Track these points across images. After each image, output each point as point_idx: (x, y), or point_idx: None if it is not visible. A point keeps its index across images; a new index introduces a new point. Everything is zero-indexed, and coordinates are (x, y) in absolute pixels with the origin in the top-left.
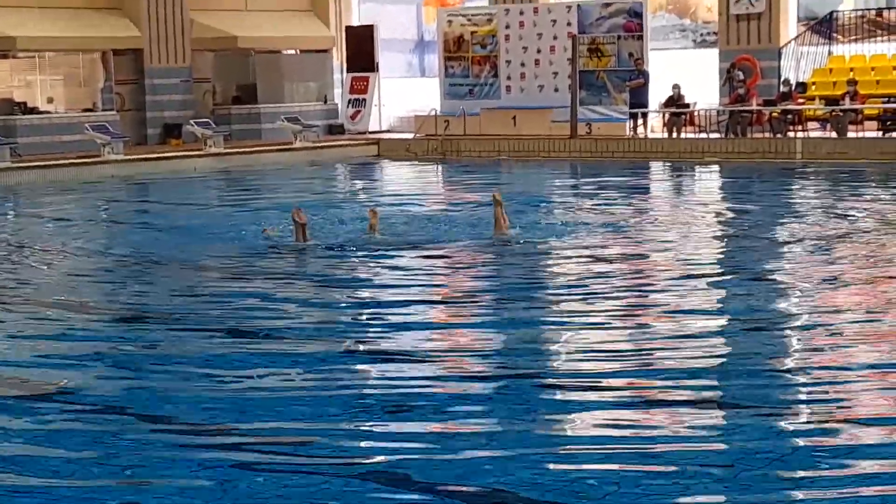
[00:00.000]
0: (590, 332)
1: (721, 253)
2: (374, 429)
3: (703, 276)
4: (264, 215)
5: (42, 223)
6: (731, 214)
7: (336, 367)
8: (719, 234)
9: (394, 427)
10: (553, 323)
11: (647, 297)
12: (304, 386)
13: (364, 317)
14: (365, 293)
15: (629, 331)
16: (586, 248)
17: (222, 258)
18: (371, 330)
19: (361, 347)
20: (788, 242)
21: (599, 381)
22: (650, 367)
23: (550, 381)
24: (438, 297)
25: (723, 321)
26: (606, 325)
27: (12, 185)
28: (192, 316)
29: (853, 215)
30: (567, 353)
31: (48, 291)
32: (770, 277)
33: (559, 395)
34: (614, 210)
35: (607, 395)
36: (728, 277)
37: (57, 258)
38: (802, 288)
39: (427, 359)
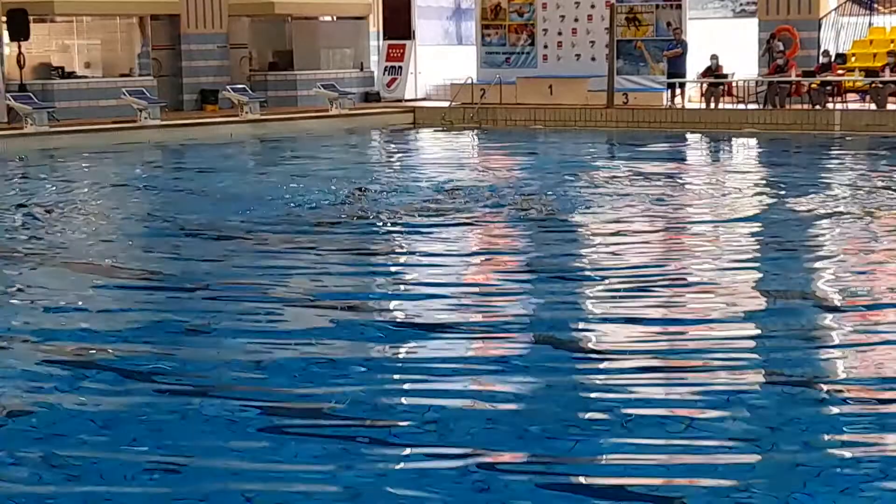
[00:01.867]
0: (620, 304)
1: (757, 225)
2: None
3: (739, 248)
4: (300, 181)
5: (79, 188)
6: (767, 186)
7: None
8: (755, 205)
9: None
10: (582, 295)
11: (680, 269)
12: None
13: (391, 286)
14: (392, 263)
15: (662, 303)
16: (620, 219)
17: (257, 224)
18: (397, 299)
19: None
20: (825, 215)
21: (627, 353)
22: (683, 340)
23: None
24: (468, 269)
25: (757, 295)
26: (638, 298)
27: (50, 150)
28: (225, 282)
29: (892, 188)
30: (597, 323)
31: (83, 254)
32: (807, 250)
33: (585, 364)
34: (650, 181)
35: (632, 365)
36: (764, 250)
37: (93, 222)
38: (840, 260)
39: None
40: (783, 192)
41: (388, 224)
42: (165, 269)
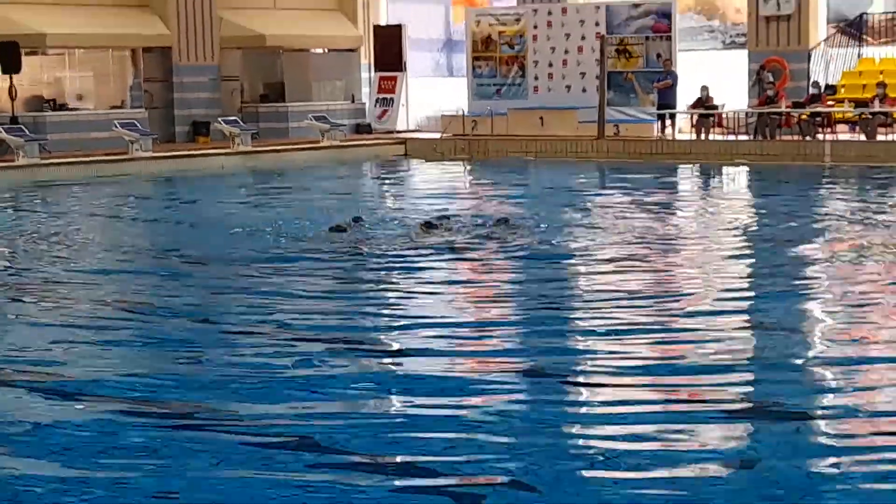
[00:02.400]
0: (614, 335)
1: (748, 257)
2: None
3: (728, 279)
4: (291, 213)
5: (70, 219)
6: (758, 217)
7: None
8: (746, 237)
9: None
10: (575, 327)
11: (672, 300)
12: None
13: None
14: (388, 292)
15: (654, 333)
16: (609, 250)
17: (247, 254)
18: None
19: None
20: (816, 247)
21: (624, 382)
22: (676, 368)
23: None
24: (462, 299)
25: (748, 324)
26: (630, 329)
27: (41, 181)
28: (214, 311)
29: (882, 219)
30: (589, 354)
31: (71, 286)
32: (798, 282)
33: (582, 396)
34: (640, 212)
35: (631, 397)
36: (755, 281)
37: (84, 254)
38: (831, 293)
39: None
40: (773, 223)
41: (378, 255)
42: (155, 301)
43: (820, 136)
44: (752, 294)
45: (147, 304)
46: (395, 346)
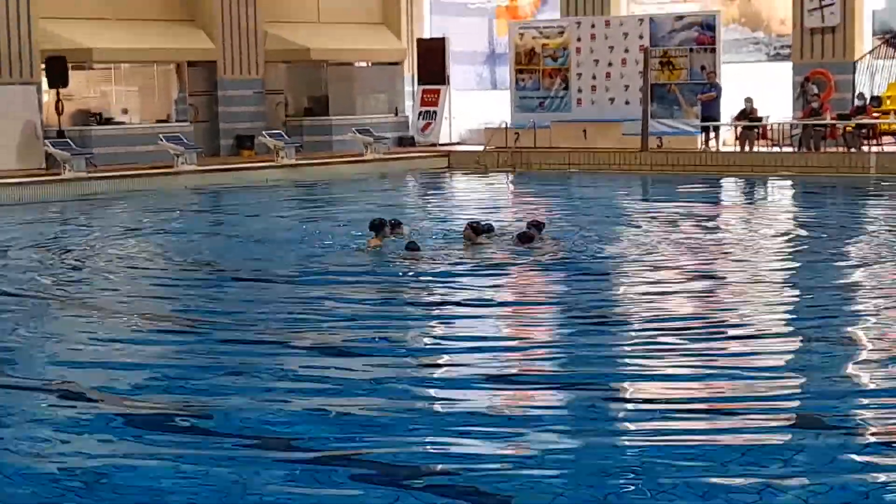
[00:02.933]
0: (657, 350)
1: (792, 269)
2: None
3: (774, 293)
4: (335, 226)
5: (116, 233)
6: (803, 230)
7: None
8: (790, 250)
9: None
10: (616, 340)
11: (717, 314)
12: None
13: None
14: (424, 308)
15: (698, 344)
16: (653, 263)
17: (292, 269)
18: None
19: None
20: (860, 260)
21: (666, 394)
22: (720, 382)
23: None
24: (500, 312)
25: (793, 338)
26: (675, 342)
27: (87, 195)
28: (260, 326)
29: None
30: (631, 368)
31: (118, 299)
32: (842, 295)
33: (624, 409)
34: (685, 225)
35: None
36: (799, 294)
37: (129, 268)
38: (874, 305)
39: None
40: (819, 236)
41: (421, 268)
42: (202, 315)
43: (865, 148)
44: (796, 307)
45: (189, 317)
46: (435, 358)
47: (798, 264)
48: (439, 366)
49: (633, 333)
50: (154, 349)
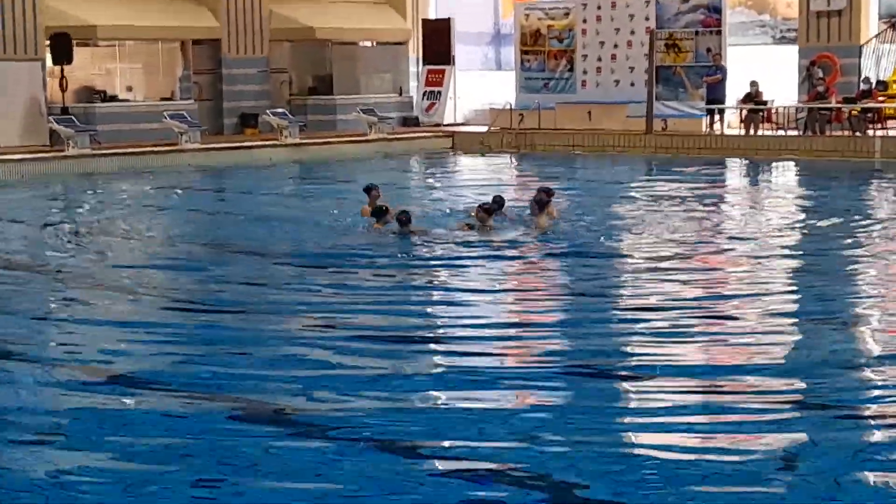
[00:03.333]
0: (659, 331)
1: (796, 254)
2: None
3: (776, 277)
4: (337, 206)
5: (119, 210)
6: (807, 214)
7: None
8: (794, 233)
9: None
10: (618, 321)
11: (719, 297)
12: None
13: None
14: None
15: (700, 327)
16: (657, 246)
17: (294, 248)
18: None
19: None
20: (865, 242)
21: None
22: (722, 364)
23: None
24: (503, 296)
25: (797, 320)
26: (678, 325)
27: (91, 172)
28: (261, 304)
29: None
30: (633, 348)
31: (120, 276)
32: (845, 278)
33: (624, 388)
34: (689, 207)
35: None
36: (803, 278)
37: (132, 244)
38: (877, 288)
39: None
40: (822, 220)
41: (424, 250)
42: (202, 292)
43: (870, 132)
44: (799, 291)
45: (191, 296)
46: (439, 342)
47: (799, 247)
48: (436, 345)
49: (628, 315)
50: (154, 326)
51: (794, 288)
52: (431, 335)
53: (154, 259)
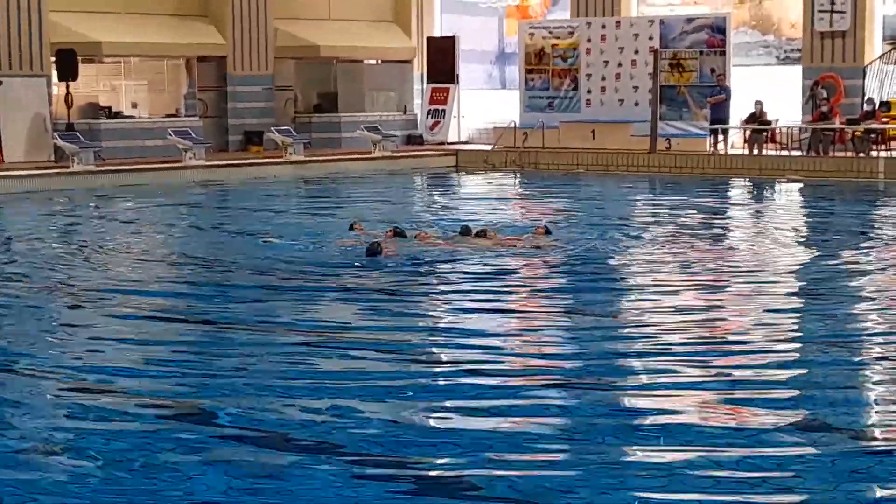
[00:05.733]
0: (661, 351)
1: (799, 274)
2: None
3: (779, 297)
4: (340, 223)
5: (123, 226)
6: (810, 234)
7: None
8: (796, 253)
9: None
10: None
11: (720, 316)
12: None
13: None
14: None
15: (701, 348)
16: (658, 265)
17: (298, 265)
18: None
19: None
20: (868, 264)
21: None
22: (723, 382)
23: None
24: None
25: (798, 341)
26: (679, 343)
27: (95, 188)
28: (263, 321)
29: None
30: (634, 366)
31: (124, 293)
32: (845, 298)
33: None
34: (691, 227)
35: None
36: (804, 297)
37: (136, 261)
38: (880, 310)
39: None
40: (825, 240)
41: (422, 264)
42: (206, 309)
43: (874, 153)
44: (800, 310)
45: (190, 314)
46: (434, 357)
47: (801, 266)
48: (436, 358)
49: (626, 332)
50: (154, 341)
51: (793, 306)
52: (428, 352)
53: (156, 275)
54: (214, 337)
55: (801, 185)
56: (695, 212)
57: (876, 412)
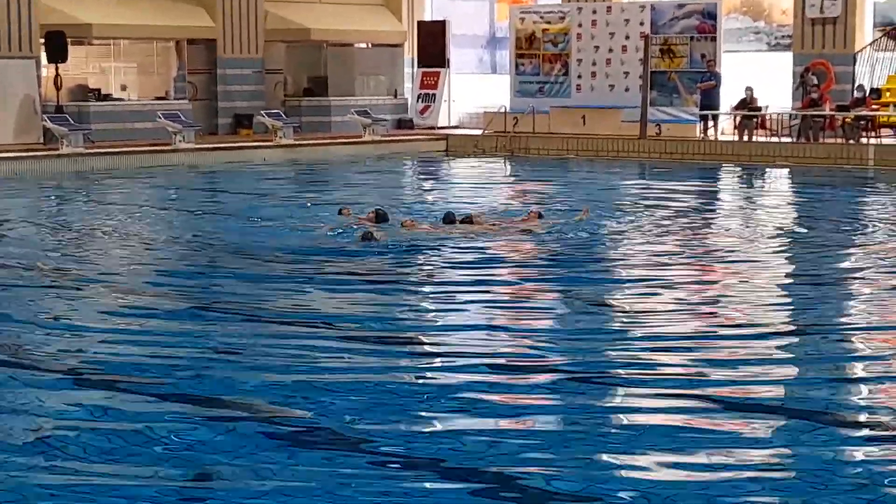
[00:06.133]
0: (649, 336)
1: (787, 260)
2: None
3: (768, 283)
4: (329, 207)
5: (112, 209)
6: (798, 221)
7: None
8: (785, 240)
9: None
10: (611, 325)
11: (710, 302)
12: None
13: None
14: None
15: (690, 334)
16: (647, 251)
17: (287, 249)
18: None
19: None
20: (857, 251)
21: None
22: (712, 372)
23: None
24: (492, 295)
25: (786, 328)
26: (666, 331)
27: (84, 171)
28: (251, 305)
29: None
30: (626, 353)
31: (113, 276)
32: (834, 286)
33: (615, 396)
34: (680, 212)
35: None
36: (793, 285)
37: (125, 244)
38: (866, 296)
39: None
40: (814, 227)
41: (414, 251)
42: (195, 293)
43: (863, 140)
44: (790, 298)
45: (185, 298)
46: (427, 346)
47: (790, 254)
48: (424, 345)
49: (624, 321)
50: (146, 325)
51: (783, 294)
52: (419, 341)
53: (145, 258)
54: (202, 320)
55: (789, 171)
56: (685, 197)
57: (867, 400)
